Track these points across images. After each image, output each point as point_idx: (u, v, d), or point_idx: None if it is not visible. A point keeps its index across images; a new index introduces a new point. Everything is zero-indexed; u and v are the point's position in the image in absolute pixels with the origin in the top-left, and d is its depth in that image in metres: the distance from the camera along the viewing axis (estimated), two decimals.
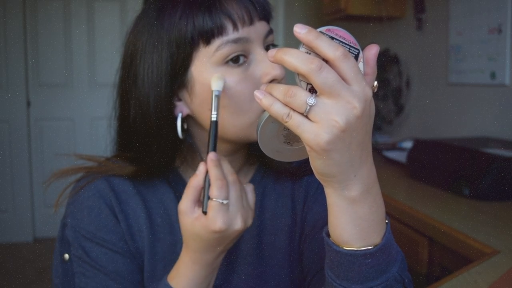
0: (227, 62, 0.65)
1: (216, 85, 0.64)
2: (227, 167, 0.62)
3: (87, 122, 3.57)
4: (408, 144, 2.04)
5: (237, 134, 0.68)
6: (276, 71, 0.65)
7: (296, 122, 0.47)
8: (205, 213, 0.59)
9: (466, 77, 2.04)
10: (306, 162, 0.82)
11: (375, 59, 0.50)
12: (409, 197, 1.64)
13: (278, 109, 0.48)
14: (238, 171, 0.79)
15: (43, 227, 3.56)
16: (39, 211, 3.56)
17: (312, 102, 0.46)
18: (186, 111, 0.70)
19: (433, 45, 2.26)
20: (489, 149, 1.55)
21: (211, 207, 0.59)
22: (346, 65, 0.46)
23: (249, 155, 0.79)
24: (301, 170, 0.81)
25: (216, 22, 0.64)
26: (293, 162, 0.80)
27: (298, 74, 0.47)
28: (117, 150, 0.77)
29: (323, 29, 0.48)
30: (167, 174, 0.75)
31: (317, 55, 0.47)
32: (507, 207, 1.40)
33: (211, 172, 0.60)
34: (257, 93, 0.49)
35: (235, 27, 0.65)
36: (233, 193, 0.60)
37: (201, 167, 0.61)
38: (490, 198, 1.43)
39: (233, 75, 0.65)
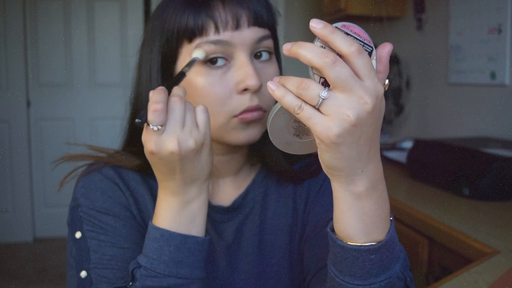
0: (205, 62, 0.67)
1: (197, 54, 0.66)
2: (177, 90, 0.60)
3: (87, 122, 3.57)
4: (408, 144, 2.04)
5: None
6: (250, 81, 0.65)
7: (307, 114, 0.48)
8: None
9: (466, 77, 2.04)
10: (307, 165, 0.82)
11: (388, 57, 0.51)
12: (409, 197, 1.64)
13: (290, 101, 0.49)
14: (238, 171, 0.79)
15: (43, 227, 3.56)
16: (39, 211, 3.56)
17: (325, 95, 0.46)
18: None
19: (433, 45, 2.26)
20: (489, 149, 1.55)
21: (145, 130, 0.59)
22: (360, 61, 0.46)
23: (250, 155, 0.79)
24: (301, 173, 0.81)
25: (198, 22, 0.66)
26: (295, 164, 0.81)
27: (311, 67, 0.48)
28: (124, 144, 0.78)
29: (338, 24, 0.49)
30: None
31: (332, 50, 0.47)
32: (507, 207, 1.40)
33: (150, 97, 0.57)
34: (270, 84, 0.50)
35: (217, 29, 0.66)
36: (173, 116, 0.58)
37: (150, 93, 0.58)
38: (490, 198, 1.43)
39: (208, 77, 0.67)
